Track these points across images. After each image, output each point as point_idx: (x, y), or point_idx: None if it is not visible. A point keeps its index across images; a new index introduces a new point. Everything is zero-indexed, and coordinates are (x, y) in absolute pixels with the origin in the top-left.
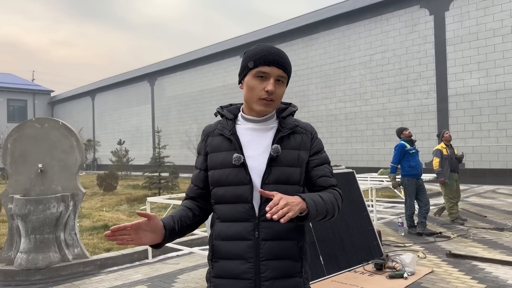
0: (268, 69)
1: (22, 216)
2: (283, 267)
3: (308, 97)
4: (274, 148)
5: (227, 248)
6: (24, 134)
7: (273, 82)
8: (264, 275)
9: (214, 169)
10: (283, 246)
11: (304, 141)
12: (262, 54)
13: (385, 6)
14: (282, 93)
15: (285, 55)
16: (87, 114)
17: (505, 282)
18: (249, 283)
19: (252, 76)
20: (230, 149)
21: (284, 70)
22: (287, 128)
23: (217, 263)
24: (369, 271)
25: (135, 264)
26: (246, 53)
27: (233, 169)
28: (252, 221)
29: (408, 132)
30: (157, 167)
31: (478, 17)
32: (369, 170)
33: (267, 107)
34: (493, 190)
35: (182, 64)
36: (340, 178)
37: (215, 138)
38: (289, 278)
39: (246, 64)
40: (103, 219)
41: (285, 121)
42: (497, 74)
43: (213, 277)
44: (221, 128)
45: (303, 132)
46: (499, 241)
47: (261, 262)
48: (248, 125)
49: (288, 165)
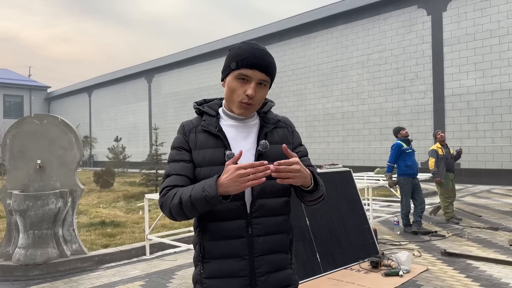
0: (250, 72)
1: (21, 212)
2: (276, 260)
3: (305, 96)
4: (263, 144)
5: (219, 248)
6: (23, 130)
7: (254, 86)
8: (259, 270)
9: (201, 166)
10: (275, 240)
11: (286, 135)
12: (245, 56)
13: (383, 6)
14: (263, 97)
15: (269, 58)
16: (83, 110)
17: (499, 280)
18: (244, 280)
19: (233, 77)
20: (217, 146)
21: (267, 74)
22: (270, 123)
23: (209, 264)
24: (365, 268)
25: (133, 261)
26: (231, 51)
27: (222, 166)
28: (245, 218)
29: (405, 132)
30: (154, 164)
31: (475, 18)
32: (366, 169)
33: (246, 110)
34: (488, 190)
35: (179, 62)
36: (337, 176)
37: (199, 134)
38: (281, 271)
39: (229, 64)
40: (100, 215)
41: (267, 116)
42: (494, 75)
43: (205, 278)
44: (206, 125)
45: (283, 126)
46: (493, 240)
47: (255, 258)
48: (231, 122)
49: (275, 159)
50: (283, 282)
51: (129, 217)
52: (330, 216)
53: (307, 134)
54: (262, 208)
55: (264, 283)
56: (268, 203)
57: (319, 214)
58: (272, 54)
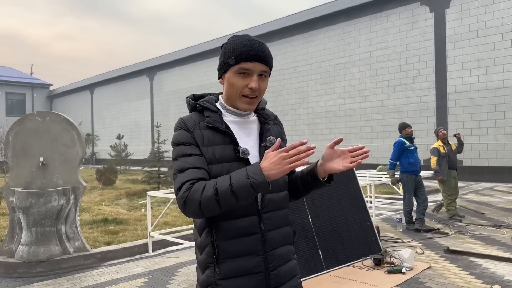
0: (250, 65)
1: (24, 209)
2: (284, 253)
3: (307, 93)
4: (272, 140)
5: (234, 246)
6: (26, 127)
7: (256, 79)
8: (272, 264)
9: (211, 163)
10: (283, 233)
11: (279, 131)
12: (243, 50)
13: (386, 3)
14: (265, 88)
15: (267, 48)
16: (85, 108)
17: (502, 278)
18: (260, 276)
19: (233, 72)
20: (225, 143)
21: (267, 64)
22: (270, 119)
23: (224, 264)
24: (368, 266)
25: (135, 258)
26: (225, 47)
27: (233, 163)
28: (256, 214)
29: (410, 130)
30: (156, 162)
31: (478, 14)
32: (368, 167)
33: (251, 104)
34: (491, 188)
35: (181, 59)
36: (339, 174)
37: (204, 131)
38: (288, 262)
39: (227, 60)
40: (102, 213)
41: (266, 112)
42: (497, 72)
43: (220, 280)
44: (212, 121)
45: (276, 122)
46: (496, 238)
47: (268, 253)
48: (232, 118)
49: None
50: (291, 272)
51: (132, 215)
52: (333, 213)
53: (309, 132)
54: (271, 202)
55: (277, 277)
56: (275, 197)
57: (322, 211)
58: (274, 52)
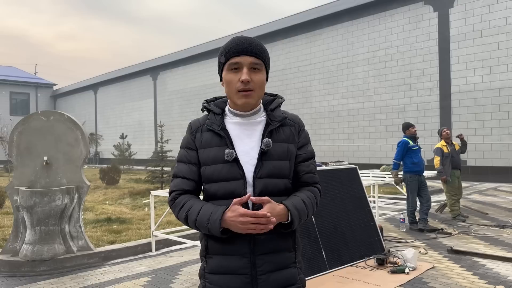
0: (238, 59)
1: (28, 208)
2: (279, 259)
3: (310, 93)
4: (266, 142)
5: (223, 244)
6: (30, 126)
7: (247, 71)
8: (261, 269)
9: (205, 165)
10: (277, 239)
11: (293, 134)
12: (230, 46)
13: (389, 3)
14: (260, 80)
15: (256, 42)
16: (89, 108)
17: (506, 278)
18: (245, 278)
19: (226, 70)
20: (220, 145)
21: (257, 57)
22: (276, 120)
23: (212, 259)
24: (371, 266)
25: (139, 257)
26: (220, 49)
27: (225, 165)
28: None
29: (414, 130)
30: (160, 161)
31: (483, 14)
32: (371, 167)
33: (247, 98)
34: (495, 188)
35: (184, 59)
36: (342, 173)
37: (204, 133)
38: (284, 270)
39: (219, 60)
40: (106, 212)
41: (274, 113)
42: (501, 71)
43: (207, 273)
44: (210, 124)
45: (291, 124)
46: (500, 238)
47: (257, 257)
48: (236, 119)
49: (279, 158)
50: (286, 281)
51: (135, 214)
52: (336, 213)
53: (312, 132)
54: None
55: (266, 282)
56: None
57: (325, 211)
58: (277, 51)
